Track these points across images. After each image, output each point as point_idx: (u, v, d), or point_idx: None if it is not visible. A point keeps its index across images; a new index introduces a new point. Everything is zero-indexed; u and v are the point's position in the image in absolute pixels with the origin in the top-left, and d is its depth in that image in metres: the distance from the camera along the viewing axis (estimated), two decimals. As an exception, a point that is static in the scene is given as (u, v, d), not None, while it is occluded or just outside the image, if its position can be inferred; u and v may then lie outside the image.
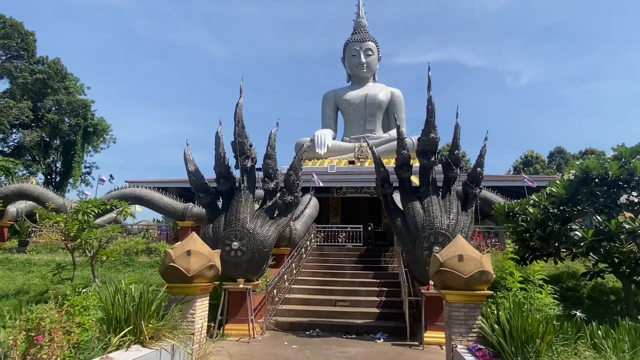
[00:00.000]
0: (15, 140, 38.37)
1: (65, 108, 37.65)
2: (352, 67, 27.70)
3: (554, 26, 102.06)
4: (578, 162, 10.54)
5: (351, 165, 24.66)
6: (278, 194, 10.89)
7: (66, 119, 38.60)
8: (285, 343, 9.45)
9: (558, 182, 10.88)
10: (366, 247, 17.76)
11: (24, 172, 40.34)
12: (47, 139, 40.29)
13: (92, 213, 11.06)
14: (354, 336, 10.17)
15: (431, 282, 9.46)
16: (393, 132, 26.17)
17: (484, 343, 6.62)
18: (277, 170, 10.89)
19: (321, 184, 17.83)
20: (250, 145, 10.61)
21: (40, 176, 41.83)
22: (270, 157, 10.70)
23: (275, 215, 10.88)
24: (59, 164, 42.21)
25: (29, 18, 76.81)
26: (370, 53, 27.41)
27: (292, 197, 10.76)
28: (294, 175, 10.75)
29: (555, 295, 7.91)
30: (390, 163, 24.34)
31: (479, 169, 10.11)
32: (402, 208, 10.27)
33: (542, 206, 10.98)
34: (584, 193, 10.17)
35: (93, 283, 11.59)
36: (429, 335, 9.46)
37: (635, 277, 9.57)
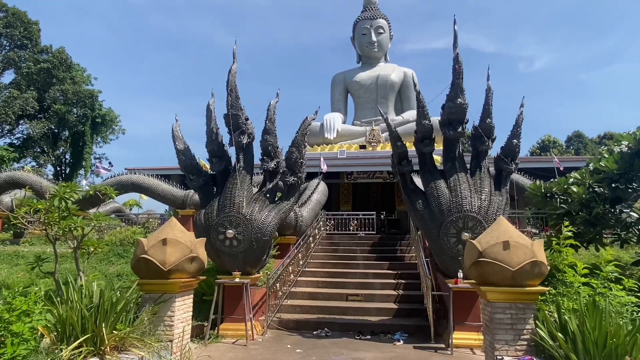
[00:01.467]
0: (23, 132, 37.45)
1: (72, 98, 36.49)
2: (362, 47, 25.84)
3: (569, 9, 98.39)
4: (631, 133, 8.80)
5: (362, 150, 23.00)
6: (279, 175, 9.38)
7: (73, 110, 37.50)
8: (289, 346, 7.95)
9: (606, 155, 9.16)
10: (380, 236, 16.17)
11: (33, 163, 39.58)
12: (56, 131, 39.32)
13: (71, 199, 9.65)
14: (368, 337, 8.64)
15: (460, 274, 7.88)
16: (407, 115, 24.43)
17: (538, 354, 5.04)
18: (277, 147, 9.34)
19: (325, 168, 16.22)
20: (246, 119, 9.06)
21: (50, 168, 41.09)
22: (269, 133, 9.15)
23: (276, 199, 9.37)
24: (68, 156, 41.29)
25: (40, 12, 75.94)
26: (382, 31, 25.52)
27: (295, 178, 9.21)
28: (296, 152, 9.19)
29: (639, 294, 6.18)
30: (403, 147, 22.66)
31: (514, 140, 8.42)
32: (423, 188, 8.66)
33: (587, 184, 9.28)
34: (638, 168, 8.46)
35: (78, 277, 10.24)
36: (458, 337, 7.87)
37: None
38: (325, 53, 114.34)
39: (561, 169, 15.08)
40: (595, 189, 9.28)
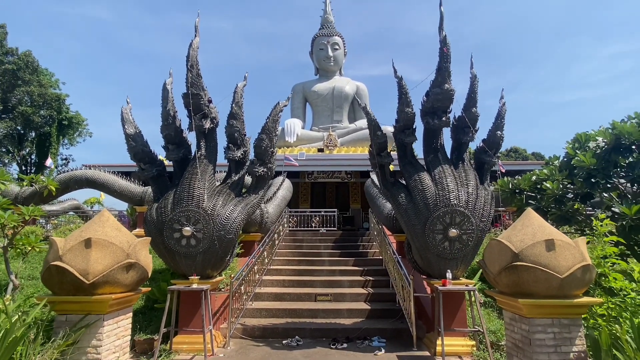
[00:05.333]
0: (-14, 132, 32.02)
1: (38, 100, 31.73)
2: (320, 60, 23.97)
3: (479, 48, 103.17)
4: (603, 130, 7.45)
5: (320, 152, 21.08)
6: (246, 166, 7.14)
7: (40, 112, 32.65)
8: (256, 363, 5.72)
9: (578, 151, 7.77)
10: (341, 232, 14.23)
11: (-2, 163, 34.18)
12: (22, 131, 34.17)
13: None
14: (344, 345, 6.57)
15: (448, 275, 6.04)
16: (359, 123, 22.85)
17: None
18: (245, 135, 7.11)
19: (297, 164, 14.16)
20: (209, 101, 6.75)
21: (15, 167, 35.71)
22: (236, 117, 6.89)
23: (243, 192, 7.11)
24: (34, 156, 36.02)
25: (14, 27, 67.47)
26: (337, 47, 23.78)
27: (265, 169, 7.01)
28: (267, 140, 6.98)
29: None
30: (357, 152, 20.96)
31: (498, 132, 6.75)
32: (405, 181, 6.78)
33: (559, 180, 7.85)
34: (614, 163, 7.10)
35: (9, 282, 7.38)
36: (445, 343, 6.00)
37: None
38: (281, 73, 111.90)
39: (503, 171, 13.94)
40: (567, 185, 7.89)
